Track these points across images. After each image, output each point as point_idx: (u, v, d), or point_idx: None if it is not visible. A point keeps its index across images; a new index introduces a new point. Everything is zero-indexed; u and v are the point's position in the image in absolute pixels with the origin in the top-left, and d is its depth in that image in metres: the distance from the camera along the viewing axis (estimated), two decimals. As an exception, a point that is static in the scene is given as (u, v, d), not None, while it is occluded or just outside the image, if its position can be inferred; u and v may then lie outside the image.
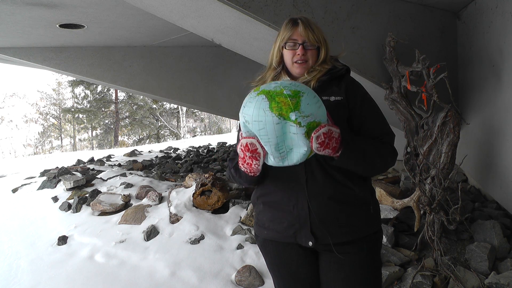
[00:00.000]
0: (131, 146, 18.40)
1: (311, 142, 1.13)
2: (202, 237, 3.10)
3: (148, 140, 22.62)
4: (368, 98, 1.38)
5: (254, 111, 1.12)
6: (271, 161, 1.20)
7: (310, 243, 1.31)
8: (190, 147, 9.97)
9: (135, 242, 3.17)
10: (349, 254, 1.31)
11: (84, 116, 21.08)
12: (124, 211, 3.69)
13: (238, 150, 1.22)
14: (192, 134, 23.48)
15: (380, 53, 3.02)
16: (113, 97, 21.21)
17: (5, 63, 6.53)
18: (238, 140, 1.47)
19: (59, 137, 23.56)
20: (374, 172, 1.36)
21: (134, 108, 21.68)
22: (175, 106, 22.08)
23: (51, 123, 23.62)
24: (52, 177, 5.06)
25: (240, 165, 1.25)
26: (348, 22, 2.84)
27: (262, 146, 1.17)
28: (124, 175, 4.98)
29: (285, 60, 1.38)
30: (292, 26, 1.35)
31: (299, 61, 1.34)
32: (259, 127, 1.13)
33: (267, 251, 1.45)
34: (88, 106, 20.95)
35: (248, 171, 1.25)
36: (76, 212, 3.95)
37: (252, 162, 1.20)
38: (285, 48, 1.36)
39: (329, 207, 1.29)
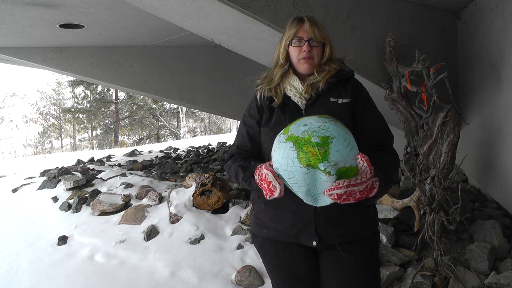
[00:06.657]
0: (131, 146, 18.39)
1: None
2: (202, 237, 3.10)
3: (148, 140, 22.61)
4: (370, 100, 1.39)
5: (283, 160, 1.11)
6: (304, 199, 1.20)
7: (314, 243, 1.31)
8: (190, 147, 9.97)
9: (135, 242, 3.17)
10: (349, 253, 1.32)
11: (84, 116, 21.08)
12: (124, 211, 3.69)
13: (261, 175, 1.23)
14: (192, 134, 23.47)
15: (380, 53, 3.01)
16: (113, 97, 21.20)
17: (5, 63, 6.52)
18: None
19: (59, 137, 23.54)
20: None
21: (134, 108, 21.67)
22: (175, 106, 22.07)
23: (51, 123, 23.61)
24: (52, 177, 5.06)
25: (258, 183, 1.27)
26: (348, 22, 2.83)
27: (279, 183, 1.17)
28: (124, 175, 4.98)
29: (291, 58, 1.38)
30: (298, 23, 1.35)
31: (305, 58, 1.34)
32: (289, 176, 1.12)
33: (266, 251, 1.44)
34: (88, 106, 20.94)
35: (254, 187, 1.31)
36: (76, 212, 3.95)
37: (267, 192, 1.22)
38: (291, 45, 1.36)
39: (335, 208, 1.29)
